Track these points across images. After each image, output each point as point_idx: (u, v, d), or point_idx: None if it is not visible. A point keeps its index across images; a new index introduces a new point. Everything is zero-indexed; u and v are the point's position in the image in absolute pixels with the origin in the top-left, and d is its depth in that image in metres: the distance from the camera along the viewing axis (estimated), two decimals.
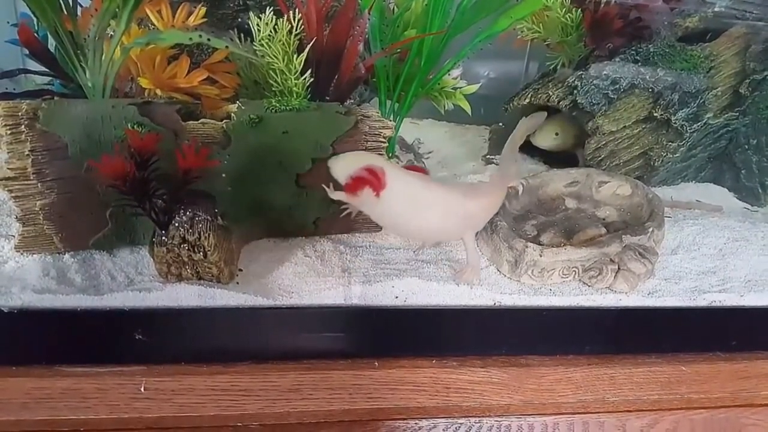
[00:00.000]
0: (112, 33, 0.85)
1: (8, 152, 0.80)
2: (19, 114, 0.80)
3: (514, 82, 1.52)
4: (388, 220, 0.86)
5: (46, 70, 1.03)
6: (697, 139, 1.18)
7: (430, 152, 1.34)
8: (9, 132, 0.79)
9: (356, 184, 0.80)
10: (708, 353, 0.94)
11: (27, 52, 1.22)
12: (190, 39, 0.73)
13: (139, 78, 0.86)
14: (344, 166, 0.82)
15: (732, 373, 0.93)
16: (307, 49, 0.91)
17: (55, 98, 1.02)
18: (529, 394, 0.87)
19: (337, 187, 0.83)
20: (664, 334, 0.94)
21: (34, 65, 1.25)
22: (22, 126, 0.79)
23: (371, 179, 0.80)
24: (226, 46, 0.70)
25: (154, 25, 0.91)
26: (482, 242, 0.96)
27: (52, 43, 1.01)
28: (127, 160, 0.74)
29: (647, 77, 1.11)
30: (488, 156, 1.28)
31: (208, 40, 0.71)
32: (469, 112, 1.13)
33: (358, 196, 0.81)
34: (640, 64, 1.11)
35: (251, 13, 0.90)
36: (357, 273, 0.90)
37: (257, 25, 0.89)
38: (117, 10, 0.80)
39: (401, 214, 0.83)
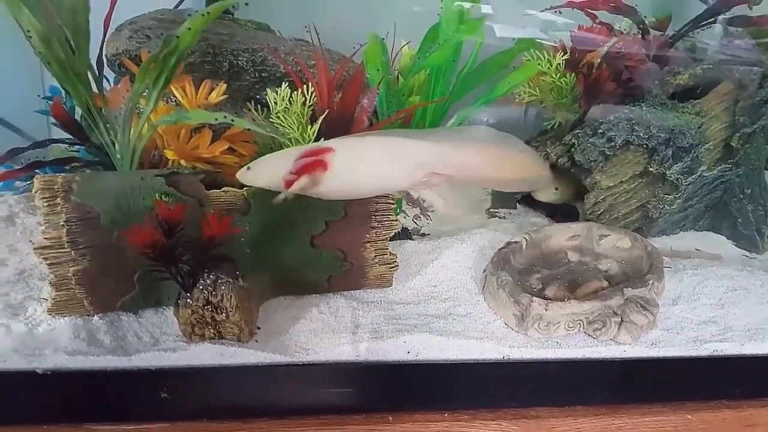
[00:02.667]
0: (140, 108, 0.92)
1: (44, 222, 0.86)
2: (55, 187, 0.86)
3: (512, 127, 1.58)
4: (345, 186, 0.88)
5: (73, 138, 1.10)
6: (693, 190, 1.23)
7: (432, 206, 1.39)
8: (46, 204, 0.85)
9: (303, 168, 0.84)
10: (713, 401, 0.97)
11: (54, 121, 1.31)
12: (216, 119, 0.79)
13: (164, 150, 0.93)
14: (275, 166, 0.86)
15: (738, 420, 0.95)
16: (320, 121, 0.98)
17: (86, 170, 1.09)
18: None
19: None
20: (669, 383, 0.96)
21: (58, 132, 1.34)
22: (58, 198, 0.85)
23: (316, 155, 0.84)
24: (248, 129, 0.77)
25: (178, 99, 0.98)
26: (489, 296, 1.00)
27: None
28: (156, 230, 0.79)
29: (641, 134, 1.17)
30: (492, 210, 1.34)
31: (232, 120, 0.77)
32: None
33: (311, 176, 0.84)
34: (633, 122, 1.18)
35: (268, 90, 0.97)
36: (369, 329, 0.94)
37: (274, 100, 0.96)
38: (146, 90, 0.87)
39: (353, 173, 0.87)
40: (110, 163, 1.09)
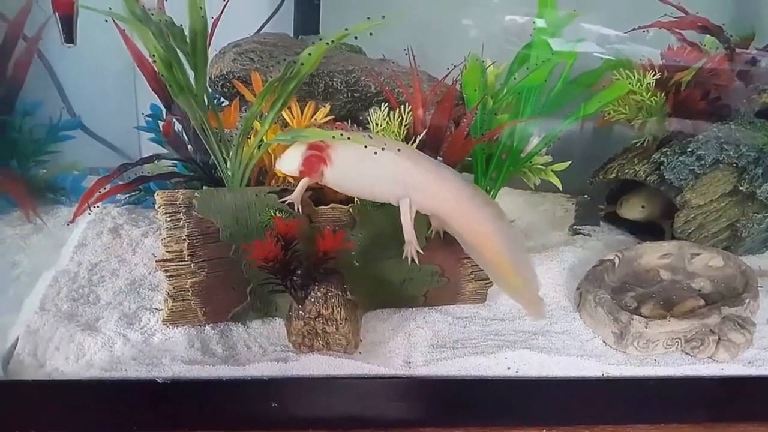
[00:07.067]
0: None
1: (167, 236, 0.90)
2: (177, 203, 0.91)
3: (567, 140, 1.57)
4: (342, 183, 0.91)
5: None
6: None
7: (512, 221, 1.40)
8: (168, 219, 0.90)
9: (309, 163, 0.88)
10: None
11: (149, 137, 1.37)
12: (333, 137, 0.83)
13: (275, 168, 0.97)
14: (290, 159, 0.90)
15: None
16: (417, 140, 1.01)
17: (184, 185, 1.14)
18: None
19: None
20: (766, 402, 0.96)
21: (147, 149, 1.40)
22: (180, 213, 0.90)
23: (318, 152, 0.87)
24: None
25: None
26: (586, 314, 1.01)
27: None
28: (276, 244, 0.83)
29: (731, 153, 1.17)
30: (575, 227, 1.34)
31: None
32: (560, 188, 1.21)
33: (317, 172, 0.89)
34: (722, 140, 1.18)
35: (371, 110, 1.01)
36: (468, 344, 0.96)
37: (375, 120, 1.01)
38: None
39: (349, 173, 0.90)
40: (207, 178, 1.14)
